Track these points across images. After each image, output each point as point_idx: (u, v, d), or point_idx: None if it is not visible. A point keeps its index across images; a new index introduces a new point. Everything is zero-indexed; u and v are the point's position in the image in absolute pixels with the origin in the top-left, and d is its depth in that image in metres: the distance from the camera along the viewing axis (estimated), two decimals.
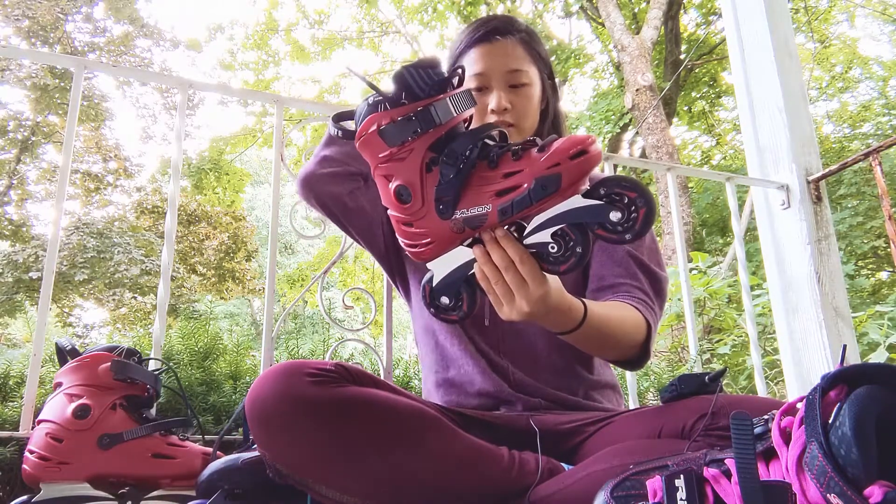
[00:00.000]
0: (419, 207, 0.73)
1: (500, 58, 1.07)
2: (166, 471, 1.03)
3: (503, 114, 1.06)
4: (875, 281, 8.71)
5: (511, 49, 1.07)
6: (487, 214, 0.72)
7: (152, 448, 1.03)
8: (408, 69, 0.71)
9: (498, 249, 0.74)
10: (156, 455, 1.03)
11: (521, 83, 1.07)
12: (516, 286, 0.74)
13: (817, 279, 2.02)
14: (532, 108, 1.09)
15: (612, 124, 9.05)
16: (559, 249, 0.73)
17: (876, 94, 10.91)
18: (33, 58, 6.02)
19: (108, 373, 1.03)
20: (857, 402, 0.48)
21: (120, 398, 1.04)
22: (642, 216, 0.69)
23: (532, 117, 1.10)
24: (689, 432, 0.79)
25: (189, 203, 11.72)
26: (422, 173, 0.72)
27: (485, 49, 1.07)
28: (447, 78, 0.73)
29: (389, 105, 0.72)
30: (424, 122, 0.70)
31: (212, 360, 1.65)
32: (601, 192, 0.71)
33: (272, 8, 12.14)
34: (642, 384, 2.21)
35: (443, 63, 0.75)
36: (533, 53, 1.10)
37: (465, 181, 0.72)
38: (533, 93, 1.08)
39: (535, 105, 1.10)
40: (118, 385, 1.04)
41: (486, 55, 1.07)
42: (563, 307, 0.81)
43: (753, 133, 2.28)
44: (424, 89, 0.71)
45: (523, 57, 1.08)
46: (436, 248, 0.76)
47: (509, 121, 1.07)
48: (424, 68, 0.71)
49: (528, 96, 1.08)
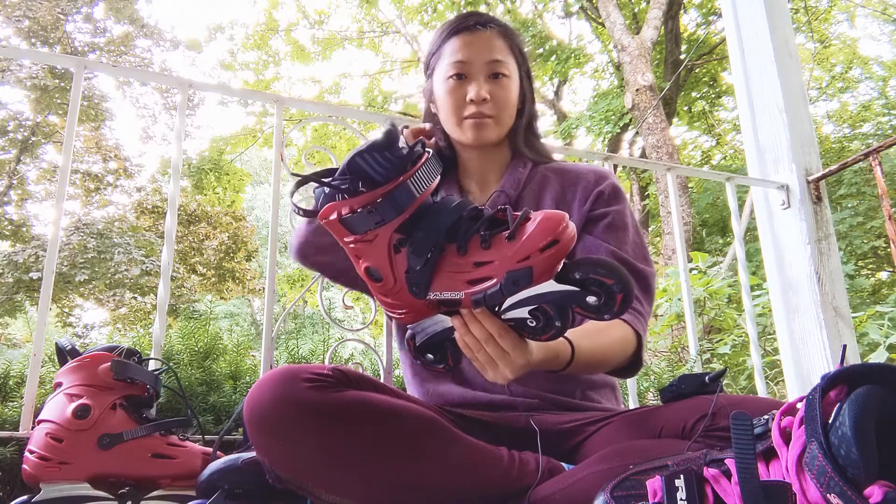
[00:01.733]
0: (392, 285, 0.72)
1: (481, 47, 1.07)
2: (166, 471, 1.03)
3: (482, 104, 1.06)
4: (875, 281, 8.70)
5: (492, 40, 1.08)
6: (461, 300, 0.70)
7: (152, 448, 1.03)
8: (362, 155, 0.66)
9: (476, 324, 0.73)
10: (156, 455, 1.03)
11: (500, 73, 1.07)
12: (498, 356, 0.74)
13: (817, 279, 2.02)
14: (510, 101, 1.09)
15: (612, 124, 9.04)
16: (538, 323, 0.71)
17: (876, 94, 10.90)
18: (33, 58, 6.02)
19: (108, 373, 1.03)
20: (857, 402, 0.48)
21: (120, 398, 1.04)
22: (619, 301, 0.67)
23: (510, 110, 1.10)
24: (689, 432, 0.79)
25: (189, 203, 11.72)
26: (390, 255, 0.70)
27: (466, 38, 1.08)
28: (405, 156, 0.67)
29: (347, 195, 0.68)
30: (386, 211, 0.67)
31: (212, 360, 1.65)
32: (576, 276, 0.68)
33: (272, 8, 12.14)
34: (642, 384, 2.21)
35: (399, 126, 0.71)
36: (513, 48, 1.11)
37: (434, 268, 0.69)
38: (512, 86, 1.09)
39: (513, 99, 1.10)
40: (118, 385, 1.04)
41: (468, 44, 1.08)
42: (549, 358, 0.82)
43: (753, 133, 2.28)
44: (383, 174, 0.66)
45: (503, 49, 1.09)
46: (414, 317, 0.75)
47: (487, 112, 1.07)
48: (380, 151, 0.66)
49: (507, 88, 1.08)
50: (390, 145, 0.66)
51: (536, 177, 1.13)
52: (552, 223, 0.66)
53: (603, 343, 0.91)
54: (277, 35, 12.19)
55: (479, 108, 1.06)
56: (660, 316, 3.40)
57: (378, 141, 0.66)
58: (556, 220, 0.66)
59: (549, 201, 1.09)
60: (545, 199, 1.10)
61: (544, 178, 1.13)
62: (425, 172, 0.69)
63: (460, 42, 1.08)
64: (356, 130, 1.89)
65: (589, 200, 1.07)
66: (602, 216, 1.05)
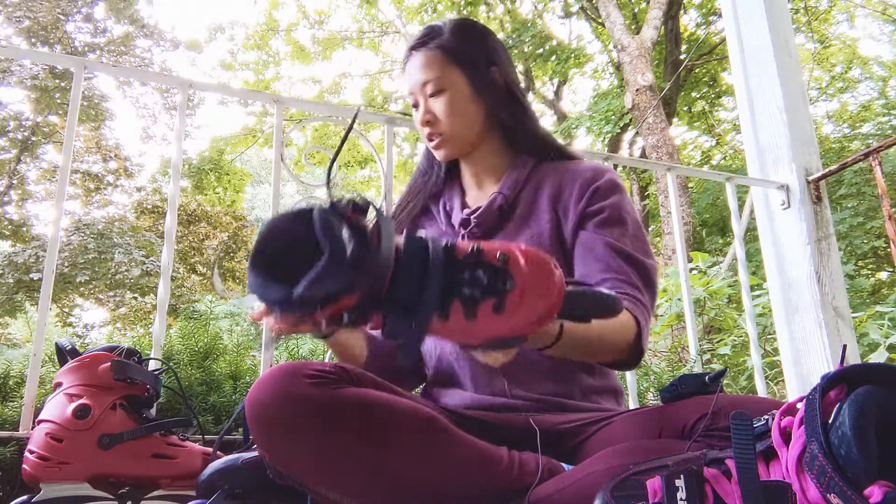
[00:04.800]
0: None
1: (415, 72, 1.10)
2: (166, 471, 1.03)
3: (427, 126, 1.09)
4: (875, 281, 8.70)
5: (423, 61, 1.08)
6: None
7: (152, 448, 1.03)
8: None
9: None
10: (156, 455, 1.03)
11: (436, 91, 1.08)
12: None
13: (817, 279, 2.02)
14: (456, 113, 1.08)
15: (612, 124, 9.05)
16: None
17: (876, 94, 10.90)
18: (33, 58, 6.03)
19: (108, 373, 1.03)
20: (857, 402, 0.48)
21: (120, 398, 1.04)
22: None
23: (459, 121, 1.08)
24: (690, 432, 0.79)
25: (189, 203, 11.73)
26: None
27: (407, 69, 1.12)
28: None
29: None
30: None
31: (212, 360, 1.65)
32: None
33: (272, 8, 12.15)
34: (642, 384, 2.21)
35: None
36: (455, 56, 1.08)
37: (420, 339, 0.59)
38: (454, 97, 1.07)
39: (461, 107, 1.08)
40: (118, 385, 1.04)
41: (408, 74, 1.11)
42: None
43: (753, 133, 2.28)
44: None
45: (437, 64, 1.08)
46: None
47: (435, 132, 1.09)
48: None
49: (446, 102, 1.07)
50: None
51: (536, 175, 1.13)
52: (543, 286, 0.59)
53: (601, 326, 0.88)
54: (277, 35, 12.20)
55: (427, 130, 1.10)
56: (660, 316, 3.40)
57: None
58: (547, 282, 0.59)
59: (545, 200, 1.08)
60: (542, 199, 1.09)
61: (543, 176, 1.12)
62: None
63: (406, 72, 1.12)
64: (356, 130, 1.89)
65: (585, 197, 1.05)
66: (598, 211, 1.04)
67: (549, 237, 1.05)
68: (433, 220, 1.18)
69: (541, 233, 1.06)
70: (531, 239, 1.05)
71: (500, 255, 0.59)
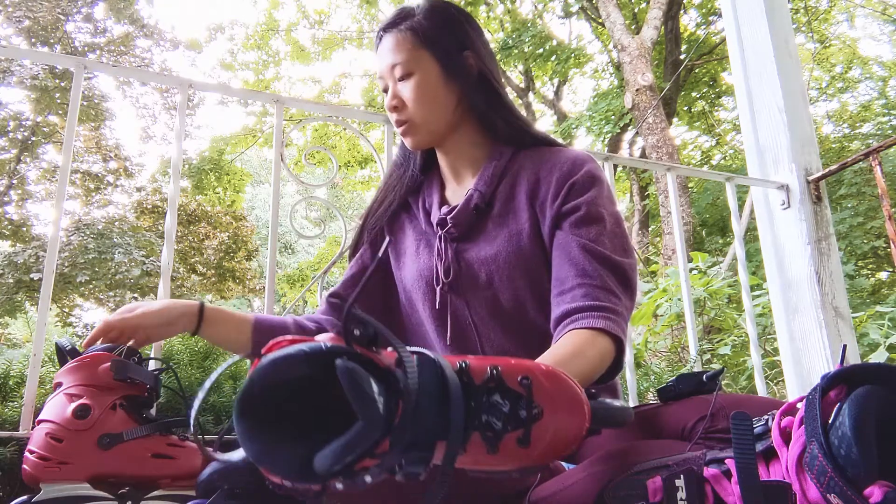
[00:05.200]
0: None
1: (383, 57, 1.05)
2: (166, 471, 1.03)
3: (394, 112, 1.05)
4: (875, 281, 8.71)
5: (392, 42, 1.04)
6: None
7: (152, 448, 1.03)
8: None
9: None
10: (156, 455, 1.03)
11: (404, 74, 1.03)
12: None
13: (817, 279, 2.02)
14: (424, 97, 1.03)
15: (612, 124, 9.05)
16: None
17: (876, 94, 10.90)
18: (33, 58, 6.02)
19: (109, 373, 1.03)
20: (856, 401, 0.48)
21: (120, 398, 1.04)
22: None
23: (427, 106, 1.04)
24: (690, 433, 0.79)
25: (189, 203, 11.73)
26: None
27: (378, 50, 1.07)
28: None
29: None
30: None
31: (212, 360, 1.65)
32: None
33: (272, 8, 12.15)
34: (642, 384, 2.21)
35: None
36: (425, 38, 1.03)
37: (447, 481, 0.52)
38: (422, 80, 1.03)
39: (430, 92, 1.03)
40: (118, 385, 1.04)
41: (378, 57, 1.07)
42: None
43: (753, 133, 2.28)
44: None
45: (406, 46, 1.03)
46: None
47: (402, 118, 1.05)
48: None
49: (414, 86, 1.03)
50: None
51: (513, 167, 1.08)
52: (571, 414, 0.53)
53: (581, 368, 0.84)
54: (277, 35, 12.20)
55: (395, 116, 1.06)
56: (660, 316, 3.40)
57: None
58: (574, 408, 0.53)
59: (523, 198, 1.04)
60: (519, 195, 1.05)
61: (520, 168, 1.07)
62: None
63: (376, 56, 1.08)
64: (356, 130, 1.90)
65: (561, 195, 1.00)
66: (574, 209, 0.99)
67: (528, 236, 1.01)
68: (413, 218, 1.15)
69: (520, 231, 1.02)
70: (510, 238, 1.02)
71: (522, 379, 0.52)
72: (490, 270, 1.02)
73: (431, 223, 1.09)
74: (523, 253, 1.01)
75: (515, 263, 1.01)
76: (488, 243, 1.04)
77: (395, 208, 1.17)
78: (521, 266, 1.01)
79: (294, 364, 0.48)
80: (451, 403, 0.48)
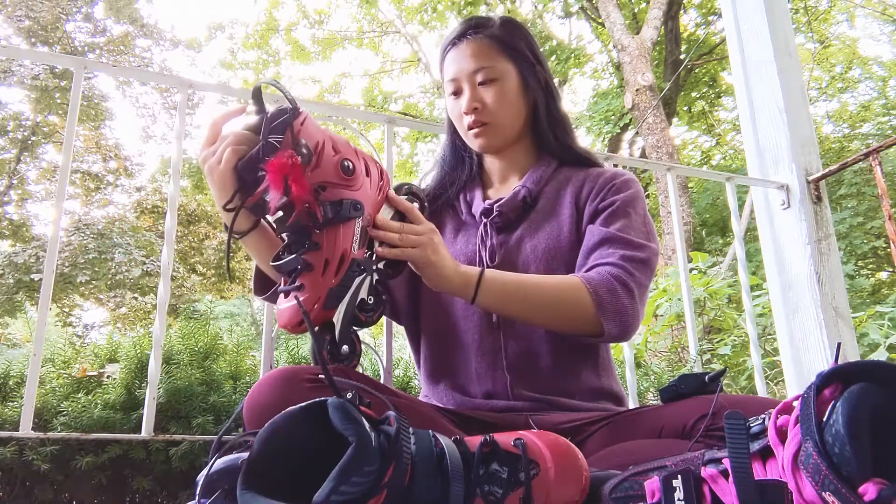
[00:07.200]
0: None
1: (465, 60, 1.09)
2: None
3: (473, 113, 1.09)
4: (875, 281, 8.71)
5: (476, 48, 1.09)
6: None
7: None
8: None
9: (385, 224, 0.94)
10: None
11: (487, 79, 1.08)
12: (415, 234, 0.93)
13: (817, 279, 2.02)
14: (504, 103, 1.09)
15: (612, 124, 9.05)
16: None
17: (876, 94, 10.91)
18: (33, 58, 6.02)
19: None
20: (850, 399, 0.48)
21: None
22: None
23: (507, 111, 1.10)
24: (690, 432, 0.79)
25: (189, 203, 11.73)
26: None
27: (453, 54, 1.11)
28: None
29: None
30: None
31: (212, 360, 1.65)
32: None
33: (273, 8, 12.15)
34: (642, 384, 2.22)
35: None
36: (506, 48, 1.10)
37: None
38: (504, 88, 1.09)
39: (511, 99, 1.10)
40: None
41: (454, 60, 1.10)
42: (459, 270, 0.94)
43: (753, 133, 2.28)
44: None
45: (490, 54, 1.09)
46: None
47: (482, 119, 1.09)
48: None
49: (497, 92, 1.08)
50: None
51: (559, 176, 1.14)
52: (568, 467, 0.56)
53: (534, 279, 0.96)
54: (277, 35, 12.21)
55: (473, 117, 1.09)
56: (660, 316, 3.40)
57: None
58: (570, 462, 0.56)
59: (568, 198, 1.10)
60: (565, 196, 1.11)
61: (567, 177, 1.14)
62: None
63: (449, 59, 1.11)
64: (356, 130, 1.89)
65: (601, 194, 1.08)
66: (609, 205, 1.06)
67: (568, 232, 1.07)
68: (454, 210, 1.19)
69: (560, 227, 1.07)
70: (551, 232, 1.07)
71: (516, 441, 0.54)
72: (528, 260, 1.06)
73: (473, 214, 1.13)
74: (561, 246, 1.06)
75: (553, 255, 1.05)
76: (530, 235, 1.08)
77: (440, 204, 1.20)
78: (559, 258, 1.05)
79: (291, 422, 0.52)
80: (451, 473, 0.51)
